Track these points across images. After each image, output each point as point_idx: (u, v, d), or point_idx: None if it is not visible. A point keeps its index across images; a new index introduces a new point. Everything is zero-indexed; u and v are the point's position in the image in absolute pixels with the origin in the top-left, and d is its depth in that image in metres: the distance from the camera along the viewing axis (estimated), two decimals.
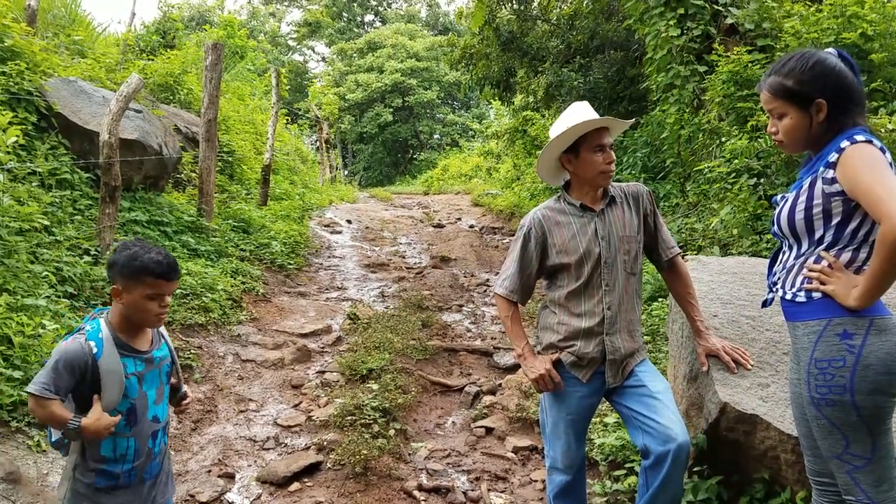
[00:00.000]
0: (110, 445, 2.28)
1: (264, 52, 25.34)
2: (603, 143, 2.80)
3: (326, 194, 14.87)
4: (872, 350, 1.95)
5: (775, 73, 2.14)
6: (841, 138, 2.04)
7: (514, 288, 2.96)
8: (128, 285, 2.25)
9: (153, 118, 7.56)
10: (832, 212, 2.03)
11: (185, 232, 7.02)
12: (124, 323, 2.32)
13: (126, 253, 2.27)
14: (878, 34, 5.56)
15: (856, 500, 2.04)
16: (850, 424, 1.99)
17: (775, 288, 2.24)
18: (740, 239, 5.32)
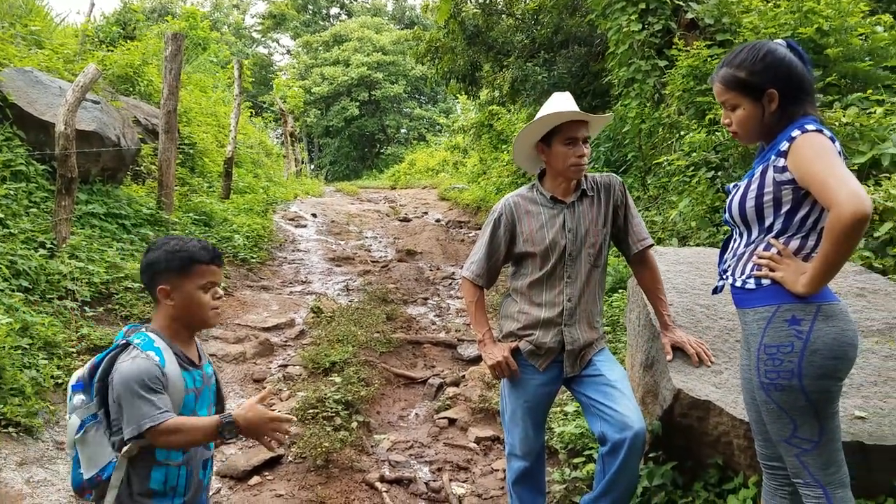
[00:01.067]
0: (161, 476, 2.03)
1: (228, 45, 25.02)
2: (575, 136, 2.80)
3: (291, 188, 14.74)
4: (820, 336, 1.99)
5: (727, 65, 2.17)
6: (792, 127, 2.07)
7: (481, 272, 2.97)
8: (177, 281, 2.05)
9: (111, 109, 7.43)
10: (782, 200, 2.06)
11: (143, 225, 6.91)
12: (176, 329, 2.10)
13: (164, 248, 2.08)
14: (834, 29, 5.69)
15: (804, 482, 2.09)
16: (798, 409, 2.03)
17: (726, 275, 2.27)
18: (698, 231, 5.41)
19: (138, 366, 1.94)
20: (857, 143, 4.48)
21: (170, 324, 2.10)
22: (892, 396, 2.57)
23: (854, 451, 2.36)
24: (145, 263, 2.11)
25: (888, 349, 2.79)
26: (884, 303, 3.07)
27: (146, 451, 2.00)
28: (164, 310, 2.09)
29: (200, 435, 1.96)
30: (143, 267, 2.11)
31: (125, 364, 1.95)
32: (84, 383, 2.06)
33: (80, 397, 2.05)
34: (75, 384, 2.07)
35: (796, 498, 2.24)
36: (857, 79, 5.71)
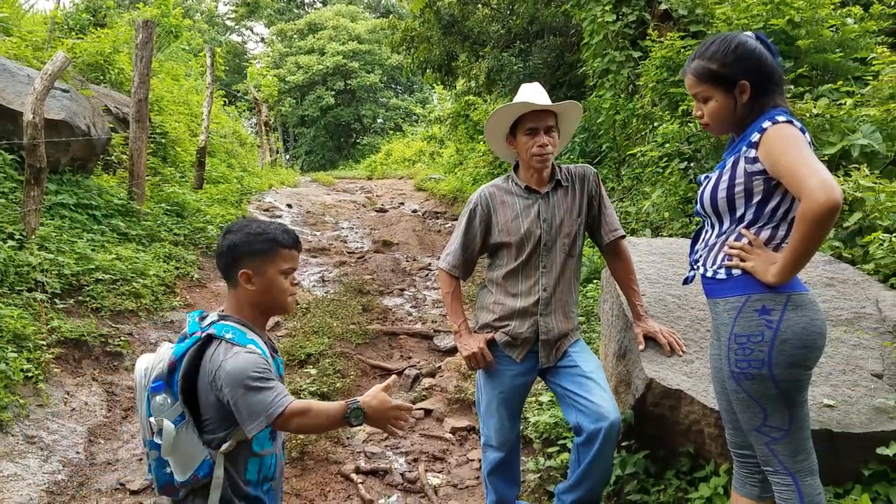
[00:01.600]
0: (256, 466, 2.02)
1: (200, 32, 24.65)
2: (535, 126, 2.81)
3: (266, 178, 14.60)
4: (790, 325, 2.01)
5: (699, 58, 2.17)
6: (762, 119, 2.09)
7: (457, 263, 2.99)
8: (260, 265, 2.01)
9: (81, 98, 7.29)
10: (753, 190, 2.08)
11: (114, 215, 6.80)
12: (254, 317, 2.06)
13: (246, 230, 2.03)
14: (805, 21, 5.74)
15: (773, 470, 2.12)
16: (768, 397, 2.05)
17: (697, 265, 2.28)
18: (671, 221, 5.45)
19: (245, 360, 1.89)
20: (827, 134, 4.53)
21: (248, 310, 2.05)
22: (860, 385, 2.62)
23: (822, 438, 2.40)
24: (226, 246, 2.04)
25: (856, 338, 2.84)
26: (852, 292, 3.12)
27: (242, 444, 1.98)
28: (243, 295, 2.04)
29: (325, 419, 1.90)
30: (223, 249, 2.05)
31: (230, 363, 1.88)
32: (164, 382, 1.95)
33: (161, 397, 1.95)
34: (155, 384, 1.96)
35: (766, 486, 2.28)
36: (828, 70, 5.77)
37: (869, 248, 3.56)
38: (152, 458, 2.00)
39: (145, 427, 1.99)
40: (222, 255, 2.06)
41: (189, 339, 1.98)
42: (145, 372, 2.00)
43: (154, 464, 2.00)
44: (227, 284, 2.09)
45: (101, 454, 3.96)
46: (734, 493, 2.37)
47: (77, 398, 4.34)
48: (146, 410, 1.97)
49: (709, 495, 2.71)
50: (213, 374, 1.91)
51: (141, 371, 2.02)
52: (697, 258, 2.28)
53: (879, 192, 3.78)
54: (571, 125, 3.03)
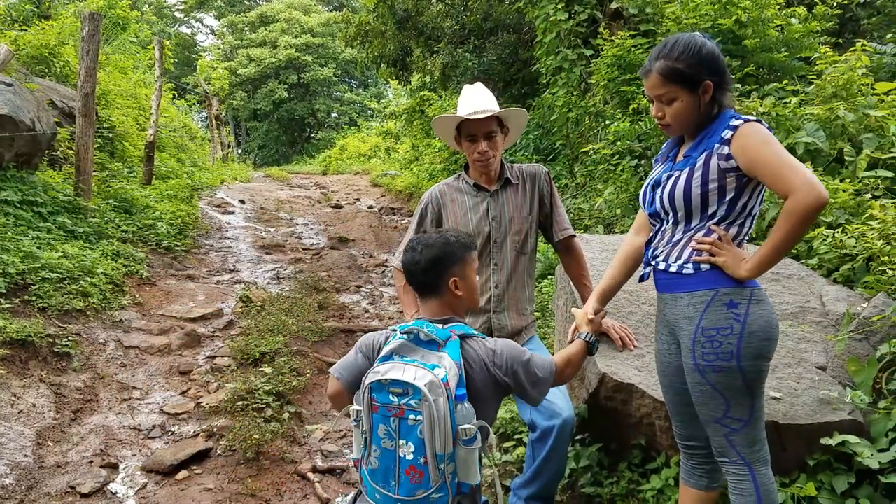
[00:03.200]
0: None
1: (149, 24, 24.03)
2: (473, 133, 2.86)
3: (218, 173, 14.36)
4: (756, 318, 2.07)
5: (664, 59, 2.17)
6: (725, 117, 2.14)
7: None
8: (462, 270, 2.16)
9: (25, 92, 7.06)
10: (726, 187, 2.11)
11: (60, 212, 6.61)
12: (462, 318, 2.19)
13: (441, 242, 2.14)
14: (752, 21, 5.88)
15: (730, 461, 2.17)
16: (733, 389, 2.10)
17: (656, 262, 2.29)
18: (623, 218, 5.54)
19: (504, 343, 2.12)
20: (773, 131, 4.64)
21: (457, 312, 2.19)
22: (804, 377, 2.70)
23: (769, 430, 2.46)
24: (429, 260, 2.13)
25: (801, 332, 2.93)
26: (797, 287, 3.22)
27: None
28: (452, 300, 2.16)
29: (579, 357, 2.30)
30: (427, 265, 2.14)
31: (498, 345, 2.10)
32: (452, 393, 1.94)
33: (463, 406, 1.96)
34: (459, 392, 1.96)
35: (714, 476, 2.34)
36: (774, 69, 5.93)
37: (813, 243, 3.68)
38: (450, 472, 1.95)
39: (447, 440, 1.92)
40: (427, 271, 2.14)
41: (450, 344, 2.03)
42: (430, 386, 1.91)
43: (451, 477, 1.95)
44: (424, 296, 2.19)
45: (51, 457, 3.85)
46: (682, 484, 2.42)
47: (24, 400, 4.21)
48: (451, 421, 1.93)
49: (660, 486, 2.77)
50: (490, 360, 2.07)
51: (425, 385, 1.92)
52: (656, 255, 2.29)
53: None
54: (519, 122, 3.04)
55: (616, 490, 2.94)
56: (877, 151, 4.20)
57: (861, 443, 2.44)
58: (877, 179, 4.01)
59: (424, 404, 1.90)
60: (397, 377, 1.94)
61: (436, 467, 1.93)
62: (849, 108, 4.52)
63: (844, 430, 2.48)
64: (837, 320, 2.97)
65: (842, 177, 4.18)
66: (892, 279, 3.07)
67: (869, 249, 3.33)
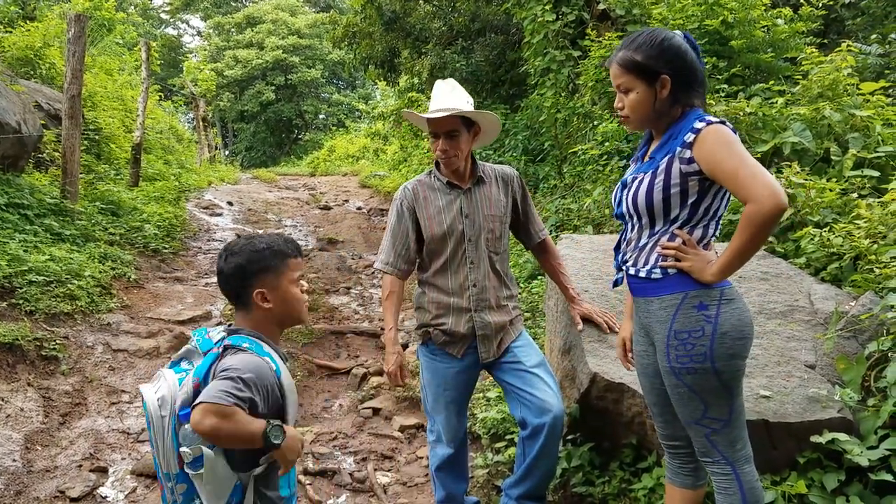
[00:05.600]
0: (286, 480, 1.97)
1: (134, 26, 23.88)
2: (435, 132, 2.85)
3: (205, 175, 14.29)
4: (727, 318, 2.07)
5: (625, 49, 2.18)
6: (691, 118, 2.11)
7: (390, 260, 2.98)
8: (274, 280, 1.97)
9: (11, 94, 7.00)
10: (689, 191, 2.10)
11: (47, 215, 6.56)
12: (269, 332, 2.01)
13: (250, 248, 1.97)
14: (738, 21, 5.91)
15: (712, 461, 2.17)
16: (710, 390, 2.10)
17: (625, 267, 2.30)
18: (612, 218, 5.56)
19: (257, 361, 1.86)
20: (760, 132, 4.68)
21: (265, 326, 2.00)
22: (794, 375, 2.72)
23: (759, 428, 2.49)
24: (232, 269, 1.97)
25: (790, 330, 2.95)
26: (786, 286, 3.24)
27: (273, 464, 1.92)
28: (259, 313, 1.99)
29: (245, 437, 1.78)
30: (230, 273, 1.98)
31: (246, 356, 1.86)
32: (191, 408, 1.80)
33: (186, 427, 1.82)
34: (183, 412, 1.83)
35: (699, 475, 2.35)
36: (760, 70, 5.97)
37: (800, 242, 3.70)
38: (180, 493, 1.90)
39: (170, 460, 1.87)
40: (230, 279, 1.99)
41: (207, 357, 1.92)
42: (162, 401, 1.87)
43: (182, 498, 1.90)
44: (237, 306, 2.03)
45: (39, 461, 3.82)
46: (668, 483, 2.43)
47: (12, 404, 4.18)
48: (173, 441, 1.86)
49: (651, 485, 2.78)
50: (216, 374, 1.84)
51: (155, 402, 1.88)
52: (626, 259, 2.29)
53: (810, 188, 3.93)
54: (489, 122, 2.96)
55: (608, 489, 2.96)
56: (863, 151, 4.24)
57: (851, 440, 2.46)
58: (863, 179, 4.05)
59: (150, 418, 1.87)
60: (142, 386, 1.95)
61: (165, 485, 1.91)
62: (835, 108, 4.56)
63: (834, 427, 2.50)
64: (826, 319, 3.00)
65: (828, 176, 4.22)
66: (880, 278, 3.09)
67: (856, 248, 3.36)
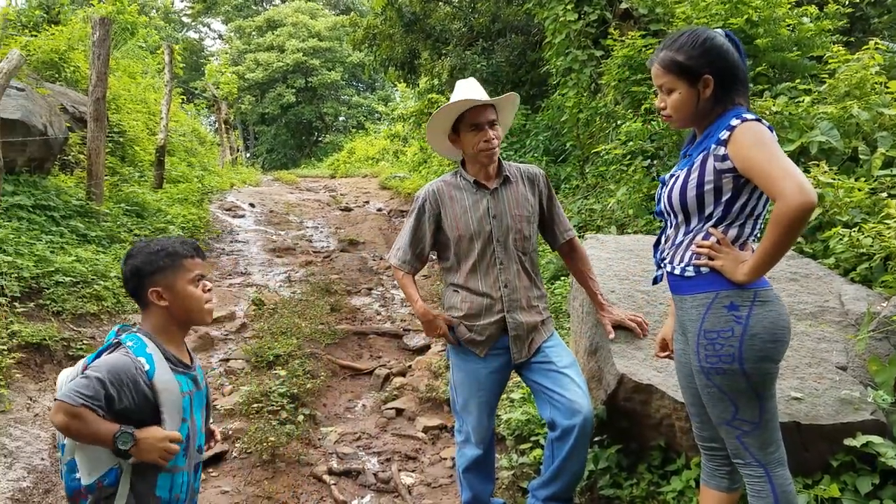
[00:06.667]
0: (167, 483, 1.99)
1: (157, 29, 24.16)
2: (478, 121, 2.83)
3: (227, 177, 14.41)
4: (758, 320, 2.04)
5: (667, 49, 2.18)
6: (729, 115, 2.10)
7: (406, 259, 3.00)
8: (168, 280, 2.03)
9: (37, 97, 7.10)
10: (723, 189, 2.09)
11: (73, 217, 6.64)
12: (168, 332, 2.06)
13: (146, 250, 2.04)
14: (763, 20, 5.85)
15: (745, 462, 2.15)
16: (739, 391, 2.08)
17: (664, 264, 2.30)
18: (636, 218, 5.52)
19: (117, 359, 1.92)
20: (786, 131, 4.63)
21: (163, 325, 2.06)
22: (825, 377, 2.68)
23: (791, 430, 2.46)
24: (130, 271, 2.05)
25: (821, 332, 2.92)
26: (815, 287, 3.20)
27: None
28: (157, 312, 2.05)
29: (95, 439, 1.86)
30: (128, 275, 2.06)
31: (110, 355, 1.94)
32: None
33: None
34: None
35: (734, 477, 2.32)
36: (786, 68, 5.91)
37: (829, 242, 3.66)
38: (63, 463, 2.00)
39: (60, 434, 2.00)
40: (128, 281, 2.07)
41: (101, 348, 2.04)
42: (62, 382, 2.04)
43: (64, 468, 1.99)
44: (140, 307, 2.10)
45: None
46: (703, 485, 2.41)
47: (40, 403, 4.23)
48: None
49: (681, 488, 2.76)
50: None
51: (62, 379, 2.05)
52: (664, 256, 2.30)
53: (838, 187, 3.88)
54: (509, 116, 3.05)
55: (636, 492, 2.93)
56: (892, 150, 4.18)
57: (885, 443, 2.42)
58: (892, 178, 4.00)
59: None
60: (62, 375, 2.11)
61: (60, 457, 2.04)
62: (862, 107, 4.50)
63: (867, 430, 2.47)
64: (857, 320, 2.96)
65: (857, 176, 4.16)
66: None
67: (886, 248, 3.31)
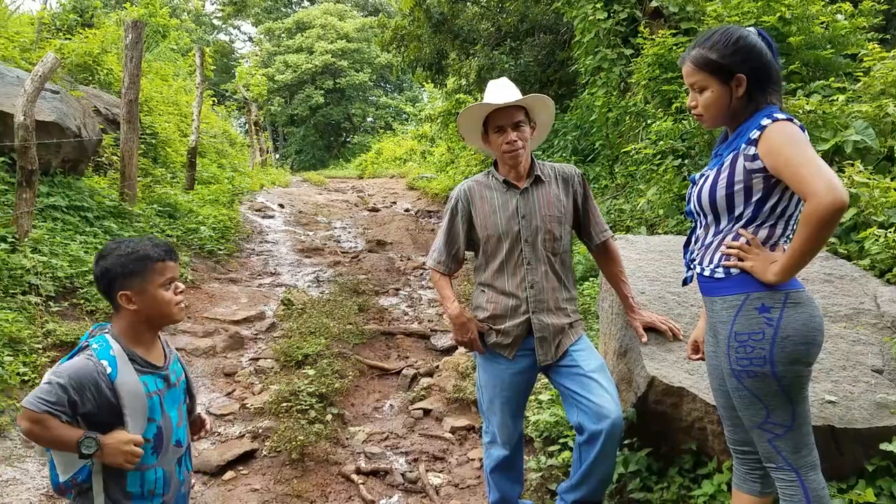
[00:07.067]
0: (137, 479, 2.02)
1: (188, 32, 24.50)
2: (501, 124, 2.84)
3: (257, 178, 14.56)
4: (790, 322, 2.01)
5: (699, 46, 2.16)
6: (760, 115, 2.07)
7: (442, 259, 3.03)
8: (137, 284, 2.01)
9: (71, 99, 7.24)
10: (753, 189, 2.06)
11: (107, 217, 6.76)
12: (137, 333, 2.06)
13: (116, 253, 2.02)
14: (796, 18, 5.76)
15: (777, 466, 2.12)
16: (770, 394, 2.05)
17: (693, 265, 2.28)
18: (666, 218, 5.47)
19: (78, 364, 1.94)
20: (820, 130, 4.56)
21: (133, 327, 2.06)
22: (860, 380, 2.63)
23: (825, 434, 2.42)
24: (99, 272, 2.05)
25: (855, 334, 2.86)
26: (850, 288, 3.14)
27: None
28: (127, 314, 2.05)
29: (60, 445, 1.91)
30: (98, 276, 2.06)
31: (74, 360, 1.96)
32: None
33: None
34: None
35: (767, 481, 2.28)
36: (819, 67, 5.81)
37: (864, 243, 3.59)
38: (47, 459, 2.05)
39: None
40: (98, 282, 2.07)
41: (75, 349, 2.04)
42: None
43: (49, 464, 2.03)
44: (112, 307, 2.10)
45: None
46: (735, 489, 2.37)
47: None
48: None
49: (712, 492, 2.72)
50: None
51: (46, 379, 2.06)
52: (694, 258, 2.27)
53: (874, 187, 3.81)
54: (543, 116, 3.00)
55: (666, 496, 2.90)
56: None
57: None
58: None
59: None
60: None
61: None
62: None
63: None
64: (893, 322, 2.90)
65: (893, 175, 4.08)
66: None
67: None
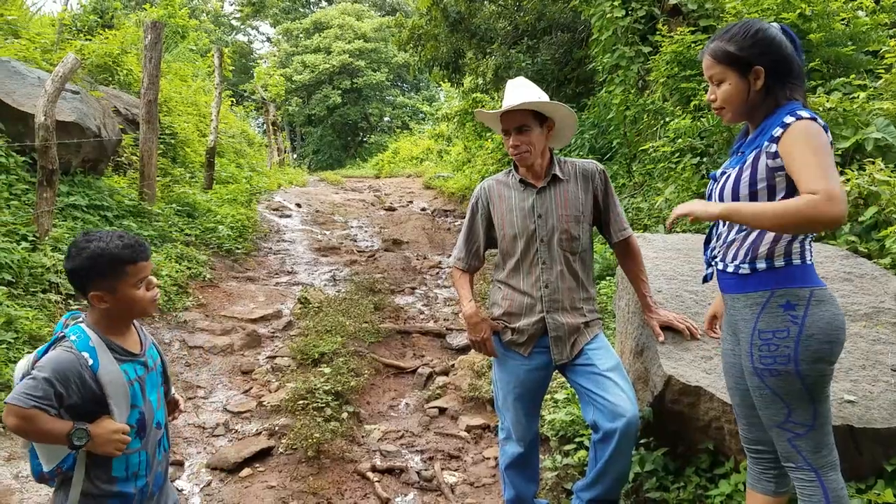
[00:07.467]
0: (123, 464, 2.04)
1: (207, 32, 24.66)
2: (506, 128, 2.88)
3: (275, 178, 14.64)
4: (815, 320, 1.99)
5: (718, 39, 2.15)
6: (783, 112, 2.05)
7: (461, 256, 3.08)
8: (108, 285, 1.99)
9: (91, 99, 7.32)
10: (776, 187, 2.04)
11: (126, 216, 6.83)
12: (112, 324, 2.06)
13: (85, 254, 1.97)
14: (816, 14, 5.69)
15: (796, 466, 2.10)
16: (793, 393, 2.03)
17: (714, 262, 2.26)
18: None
19: (61, 356, 1.93)
20: (841, 127, 4.50)
21: (107, 319, 2.06)
22: (880, 380, 2.60)
23: (844, 434, 2.39)
24: (69, 271, 2.03)
25: (875, 333, 2.82)
26: (870, 287, 3.10)
27: None
28: (99, 310, 2.04)
29: (49, 438, 1.92)
30: (68, 273, 2.04)
31: (54, 352, 1.95)
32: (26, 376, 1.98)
33: None
34: (20, 378, 1.99)
35: (782, 481, 2.26)
36: (840, 64, 5.73)
37: (885, 242, 3.54)
38: (26, 448, 2.07)
39: None
40: (69, 278, 2.05)
41: (51, 340, 2.04)
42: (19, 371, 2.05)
43: (30, 454, 2.04)
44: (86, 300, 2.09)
45: None
46: (749, 489, 2.36)
47: None
48: None
49: (729, 492, 2.70)
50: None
51: (17, 371, 2.05)
52: (715, 254, 2.25)
53: (895, 186, 3.75)
54: (562, 111, 2.91)
55: (683, 495, 2.88)
56: None
57: None
58: None
59: None
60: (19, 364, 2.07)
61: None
62: None
63: None
64: None
65: None
66: None
67: None
